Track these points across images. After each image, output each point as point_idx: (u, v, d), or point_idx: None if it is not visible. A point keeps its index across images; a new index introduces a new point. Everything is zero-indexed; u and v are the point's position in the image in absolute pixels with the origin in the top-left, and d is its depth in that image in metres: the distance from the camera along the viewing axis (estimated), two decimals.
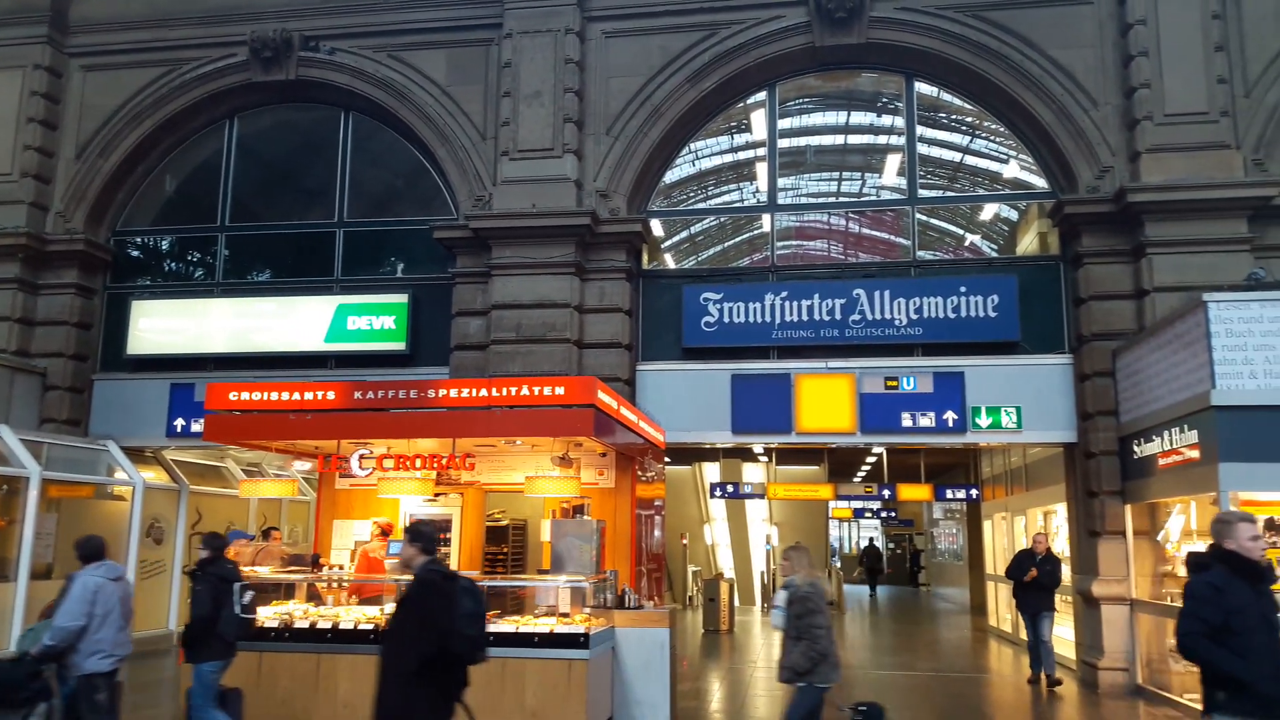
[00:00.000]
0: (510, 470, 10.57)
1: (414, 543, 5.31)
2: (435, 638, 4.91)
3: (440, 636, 4.91)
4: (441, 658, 4.94)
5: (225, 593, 7.39)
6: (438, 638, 4.91)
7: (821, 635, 6.50)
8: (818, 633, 6.49)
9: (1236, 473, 8.71)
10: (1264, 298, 8.99)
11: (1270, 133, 11.58)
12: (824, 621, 6.55)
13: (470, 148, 13.20)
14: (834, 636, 6.72)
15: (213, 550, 7.57)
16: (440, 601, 5.01)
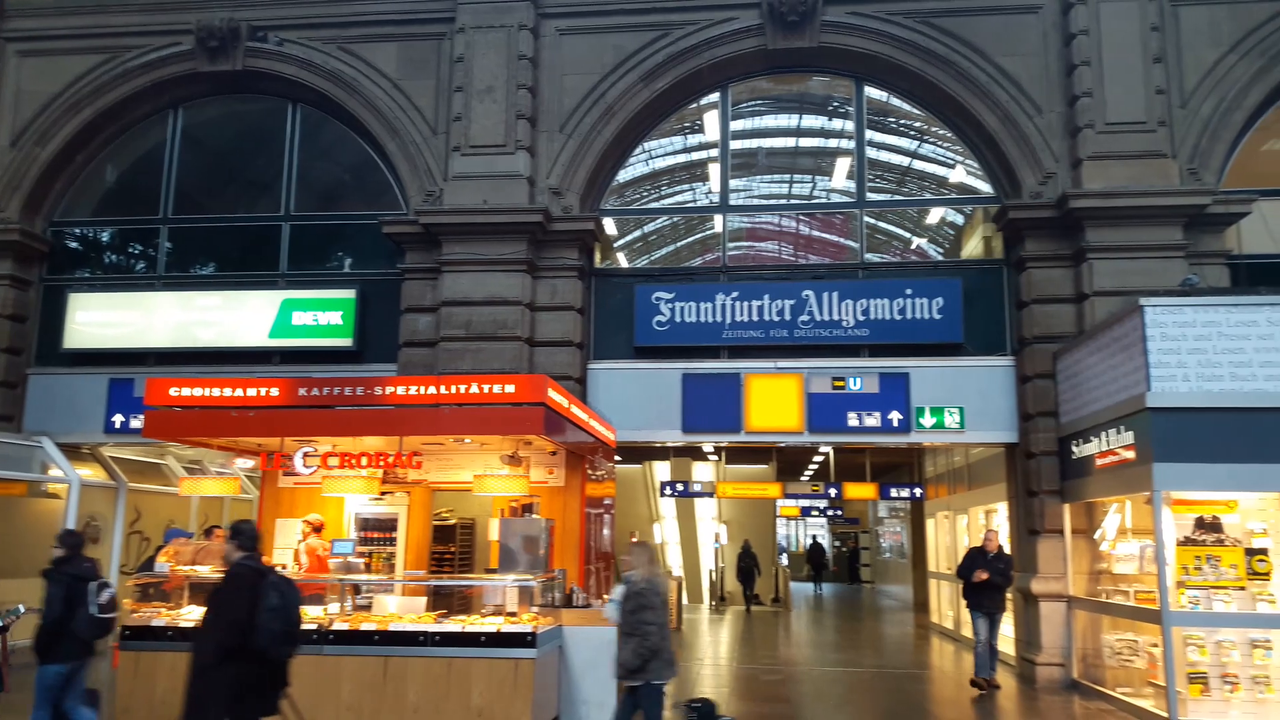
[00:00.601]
0: (458, 469, 10.50)
1: (233, 539, 5.44)
2: (236, 631, 4.98)
3: (241, 630, 4.98)
4: (245, 651, 5.00)
5: (80, 592, 7.11)
6: (238, 631, 4.98)
7: (652, 632, 6.55)
8: (648, 629, 6.54)
9: (1170, 473, 8.97)
10: (1197, 303, 9.26)
11: (1205, 143, 11.92)
12: (655, 618, 6.59)
13: (421, 142, 13.09)
14: (668, 634, 6.75)
15: (68, 548, 7.27)
16: (243, 595, 5.09)
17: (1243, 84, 11.99)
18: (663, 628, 6.63)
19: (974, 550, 11.65)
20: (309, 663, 8.08)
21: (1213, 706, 8.72)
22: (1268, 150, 12.55)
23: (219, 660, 5.02)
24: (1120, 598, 10.11)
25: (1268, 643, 8.79)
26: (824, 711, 10.00)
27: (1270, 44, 12.01)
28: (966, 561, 11.55)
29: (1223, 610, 8.86)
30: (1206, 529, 9.17)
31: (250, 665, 5.07)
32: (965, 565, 11.52)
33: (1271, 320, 9.06)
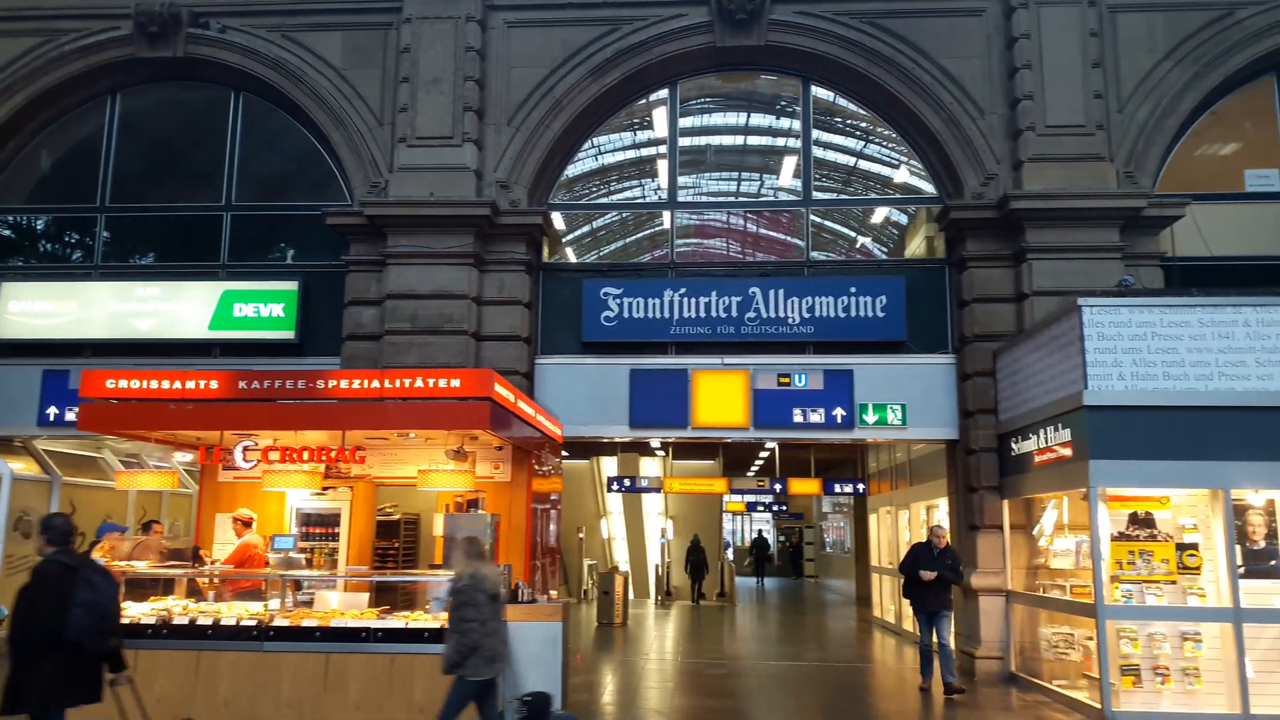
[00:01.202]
0: (403, 464, 10.41)
1: (43, 534, 5.50)
2: (42, 629, 5.07)
3: (49, 627, 5.07)
4: (58, 645, 5.07)
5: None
6: (46, 629, 5.07)
7: (472, 629, 6.55)
8: (468, 626, 6.55)
9: (1105, 469, 9.19)
10: (1133, 304, 9.49)
11: (1140, 147, 12.24)
12: (475, 615, 6.58)
13: (366, 133, 12.92)
14: (493, 630, 6.72)
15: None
16: (50, 593, 5.17)
17: (1177, 90, 12.32)
18: (486, 624, 6.59)
19: (919, 546, 11.15)
20: (248, 659, 7.98)
21: (1144, 698, 8.96)
22: (1201, 155, 12.92)
23: (30, 658, 5.16)
24: (1057, 592, 10.34)
25: (1197, 635, 9.04)
26: (767, 705, 10.09)
27: (1203, 52, 12.35)
28: (910, 558, 11.03)
29: (1155, 604, 9.10)
30: (1140, 525, 9.41)
31: (68, 657, 5.17)
32: (909, 561, 11.00)
33: (1203, 321, 9.32)
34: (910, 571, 10.90)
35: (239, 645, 8.08)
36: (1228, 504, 9.05)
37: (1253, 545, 9.17)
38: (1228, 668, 8.87)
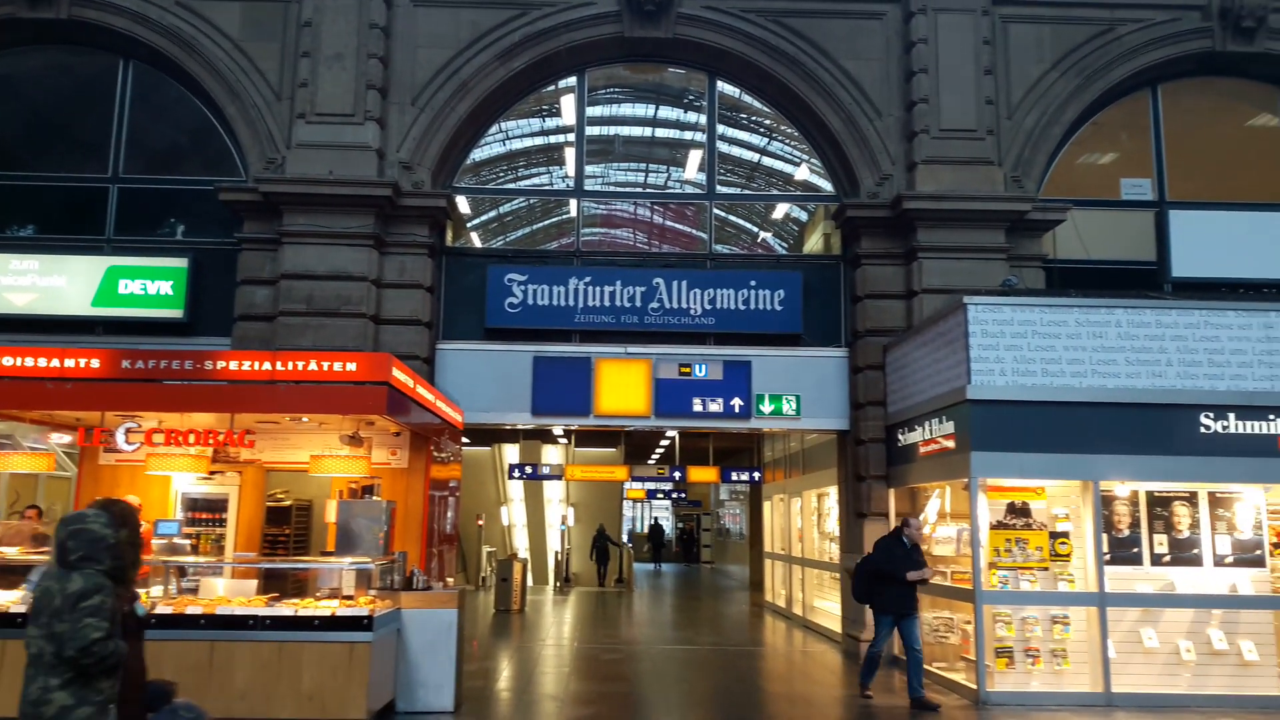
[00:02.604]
0: (295, 448, 10.19)
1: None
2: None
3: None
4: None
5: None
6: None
7: None
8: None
9: (986, 460, 9.60)
10: (1015, 303, 9.94)
11: (1027, 153, 12.78)
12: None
13: (264, 108, 12.55)
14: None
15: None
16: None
17: (1062, 100, 12.91)
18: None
19: (889, 541, 9.76)
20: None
21: (1016, 679, 9.43)
22: (1082, 163, 13.58)
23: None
24: (939, 579, 10.76)
25: (1066, 619, 9.55)
26: (660, 688, 10.27)
27: (1087, 64, 12.96)
28: (882, 554, 9.59)
29: (1028, 589, 9.57)
30: (1017, 514, 9.87)
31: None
32: (881, 557, 9.56)
33: (1079, 321, 9.82)
34: (885, 570, 9.43)
35: None
36: (1096, 495, 9.58)
37: (1118, 534, 9.73)
38: (1092, 649, 9.41)
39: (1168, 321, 9.80)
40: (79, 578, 3.89)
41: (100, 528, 4.03)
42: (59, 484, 15.24)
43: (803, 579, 15.85)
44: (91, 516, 4.07)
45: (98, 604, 3.85)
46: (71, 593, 3.85)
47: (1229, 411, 9.64)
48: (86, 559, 3.96)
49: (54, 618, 3.83)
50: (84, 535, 3.99)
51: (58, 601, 3.85)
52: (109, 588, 3.94)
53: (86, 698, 3.85)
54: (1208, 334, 9.78)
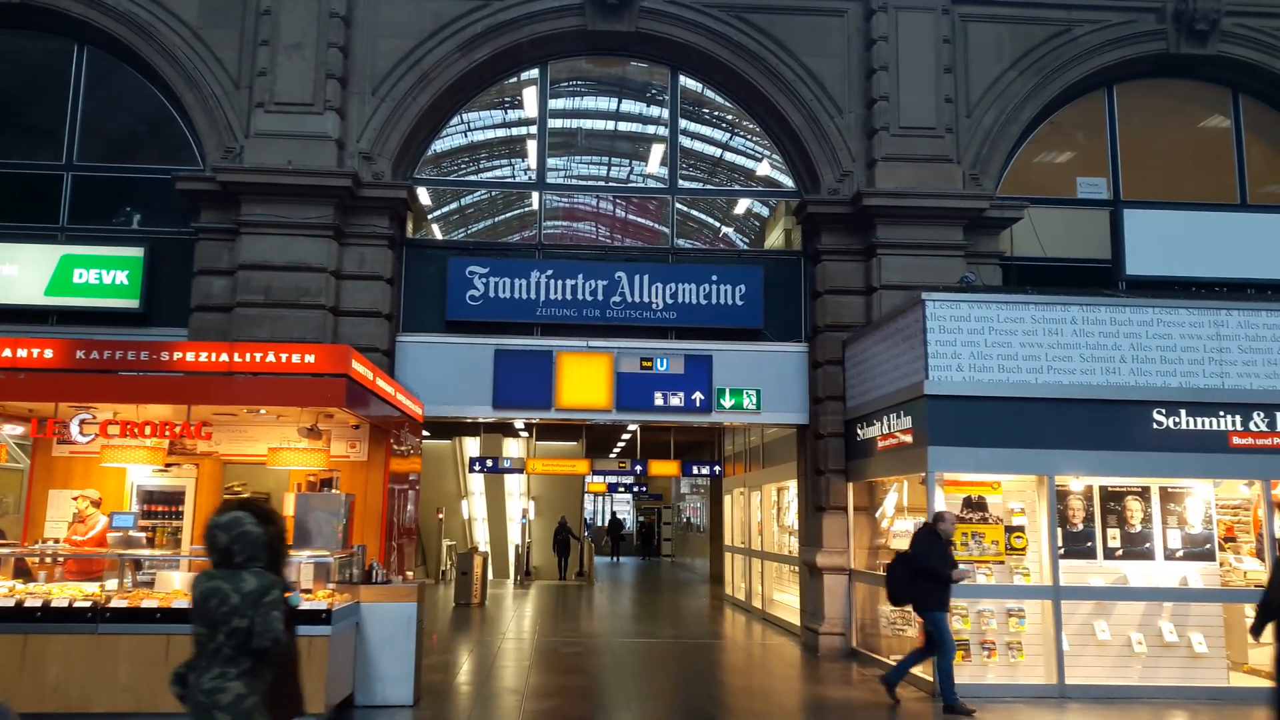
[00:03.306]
0: (253, 441, 10.06)
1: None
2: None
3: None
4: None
5: None
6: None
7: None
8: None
9: (942, 455, 9.73)
10: (972, 299, 10.08)
11: (986, 151, 12.94)
12: None
13: (222, 96, 12.35)
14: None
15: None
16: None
17: (1020, 99, 13.09)
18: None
19: (928, 534, 8.98)
20: (81, 642, 7.60)
21: (972, 671, 9.55)
22: (1039, 162, 13.79)
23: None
24: None
25: (1021, 611, 9.70)
26: (620, 681, 10.30)
27: (1044, 64, 13.15)
28: (928, 549, 8.84)
29: (985, 583, 9.73)
30: (973, 508, 10.02)
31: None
32: (929, 553, 8.81)
33: (1035, 318, 9.97)
34: (934, 567, 8.77)
35: (71, 628, 7.66)
36: (1052, 490, 9.75)
37: (1072, 528, 9.91)
38: (1046, 641, 9.58)
39: (1122, 319, 9.99)
40: (251, 577, 4.19)
41: (253, 527, 4.31)
42: (11, 476, 14.88)
43: (762, 572, 15.97)
44: (244, 519, 4.33)
45: (277, 597, 4.19)
46: (250, 591, 4.15)
47: (1180, 408, 9.85)
48: (251, 559, 4.25)
49: (233, 614, 4.12)
50: (245, 537, 4.27)
51: (235, 600, 4.13)
52: (279, 582, 4.28)
53: (255, 687, 4.16)
54: (1160, 331, 9.98)
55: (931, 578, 8.79)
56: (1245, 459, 9.84)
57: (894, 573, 9.13)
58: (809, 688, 9.98)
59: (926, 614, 8.87)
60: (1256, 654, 10.01)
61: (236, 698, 4.10)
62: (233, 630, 4.12)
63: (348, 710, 8.23)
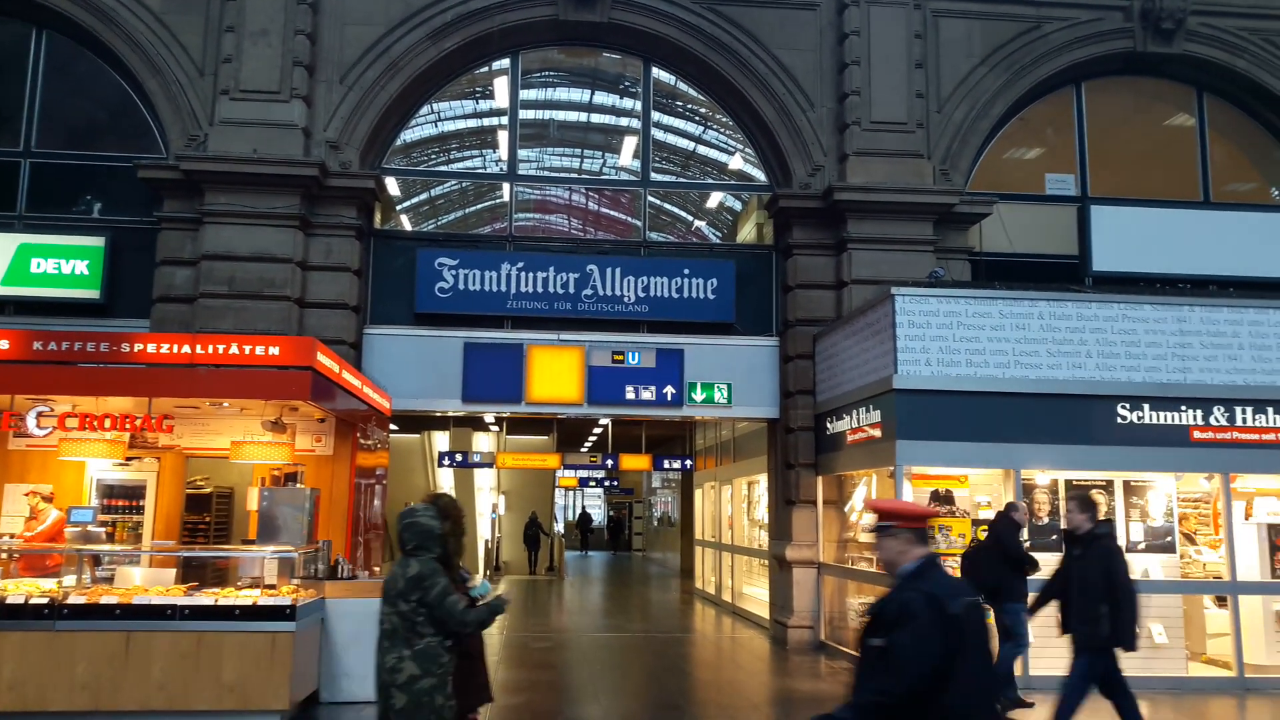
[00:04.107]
0: (215, 434, 9.93)
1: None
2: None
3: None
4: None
5: None
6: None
7: None
8: None
9: (911, 449, 9.77)
10: (941, 294, 10.12)
11: (956, 147, 12.99)
12: None
13: (186, 83, 12.13)
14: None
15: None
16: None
17: (990, 95, 13.14)
18: None
19: (1010, 526, 8.76)
20: (38, 640, 7.45)
21: None
22: (1008, 158, 13.87)
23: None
24: (864, 564, 10.95)
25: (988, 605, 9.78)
26: (590, 676, 10.26)
27: (1014, 60, 13.21)
28: (1013, 538, 8.69)
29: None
30: (941, 501, 10.08)
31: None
32: (1016, 543, 8.69)
33: (1003, 313, 10.03)
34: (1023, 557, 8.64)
35: (27, 625, 7.50)
36: (1018, 483, 9.82)
37: (1037, 521, 10.00)
38: None
39: (1088, 314, 10.07)
40: (416, 563, 4.56)
41: (428, 520, 4.67)
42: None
43: (732, 566, 15.99)
44: (421, 510, 4.72)
45: (444, 585, 4.53)
46: (411, 576, 4.52)
47: (1144, 402, 9.96)
48: (420, 548, 4.62)
49: (400, 596, 4.52)
50: (415, 527, 4.64)
51: (401, 584, 4.53)
52: (441, 570, 4.61)
53: (430, 670, 4.47)
54: (1125, 327, 10.08)
55: (1015, 568, 8.57)
56: (1206, 453, 9.97)
57: (986, 562, 8.65)
58: (777, 680, 10.00)
59: (1008, 605, 8.54)
60: (1214, 645, 10.18)
61: (410, 678, 4.43)
62: (400, 612, 4.50)
63: (313, 707, 8.15)
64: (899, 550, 3.49)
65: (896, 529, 3.49)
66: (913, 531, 3.49)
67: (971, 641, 3.29)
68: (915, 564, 3.47)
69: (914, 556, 3.48)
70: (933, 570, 3.47)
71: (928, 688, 3.20)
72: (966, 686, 3.26)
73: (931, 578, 3.43)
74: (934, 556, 3.51)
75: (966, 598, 3.36)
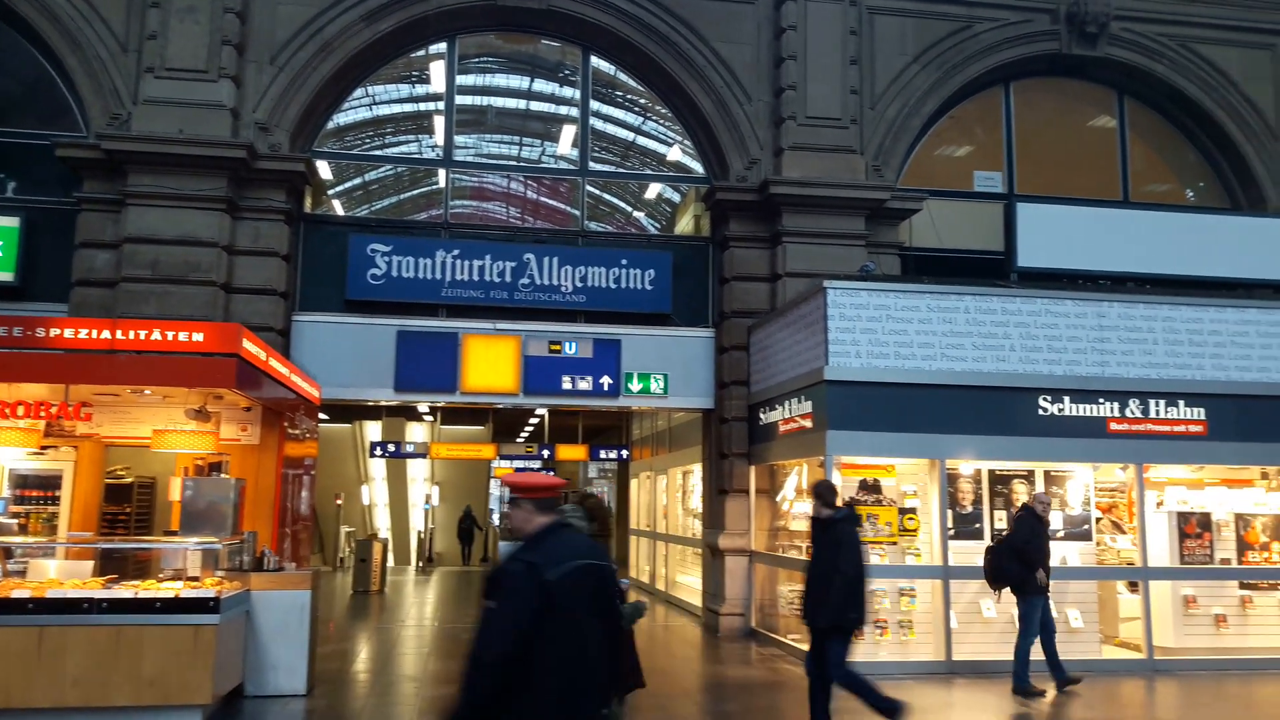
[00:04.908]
0: (137, 423, 9.63)
1: None
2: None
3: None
4: None
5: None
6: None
7: None
8: None
9: (841, 439, 9.93)
10: (872, 288, 10.29)
11: (888, 143, 13.20)
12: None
13: (109, 60, 11.74)
14: None
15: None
16: None
17: (922, 93, 13.38)
18: None
19: (1032, 519, 8.97)
20: None
21: (866, 649, 9.75)
22: (939, 155, 14.13)
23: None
24: (795, 552, 11.09)
25: (913, 591, 9.99)
26: None
27: (946, 59, 13.47)
28: (1032, 535, 8.85)
29: (878, 563, 9.95)
30: (869, 490, 10.26)
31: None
32: (1030, 537, 8.83)
33: (930, 307, 10.24)
34: (1029, 557, 8.78)
35: None
36: (943, 473, 10.04)
37: (962, 510, 10.25)
38: (936, 620, 9.88)
39: (1012, 309, 10.33)
40: None
41: (577, 521, 4.63)
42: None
43: (666, 555, 16.08)
44: (570, 511, 4.69)
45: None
46: None
47: (1064, 395, 10.26)
48: None
49: None
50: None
51: None
52: None
53: None
54: (1048, 321, 10.36)
55: (1027, 564, 8.78)
56: (1122, 444, 10.31)
57: (996, 556, 9.03)
58: (708, 667, 10.10)
59: (1027, 598, 8.83)
60: (1126, 628, 10.56)
61: None
62: None
63: (238, 700, 8.00)
64: (523, 519, 3.70)
65: (520, 500, 3.70)
66: (534, 502, 3.69)
67: (565, 607, 3.46)
68: (535, 531, 3.66)
69: (536, 524, 3.66)
70: (549, 537, 3.65)
71: (522, 650, 3.38)
72: (557, 650, 3.43)
73: (543, 546, 3.60)
74: (555, 524, 3.70)
75: (571, 564, 3.54)
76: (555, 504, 3.79)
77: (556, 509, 3.81)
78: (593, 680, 3.54)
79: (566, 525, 3.78)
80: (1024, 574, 8.81)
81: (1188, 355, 10.53)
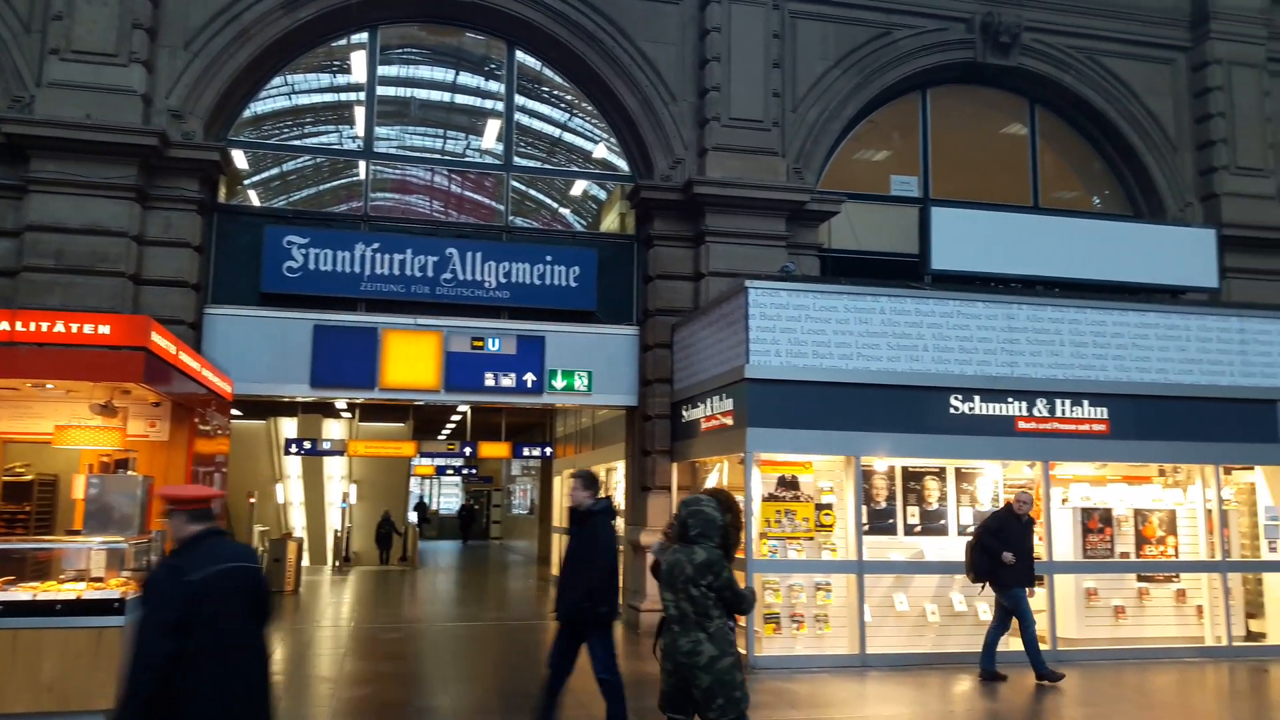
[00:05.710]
0: (38, 418, 9.29)
1: None
2: None
3: None
4: None
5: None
6: None
7: None
8: None
9: (760, 436, 10.07)
10: (791, 288, 10.46)
11: (809, 146, 13.42)
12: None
13: (10, 39, 11.26)
14: None
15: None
16: None
17: (842, 97, 13.63)
18: None
19: (1005, 516, 9.58)
20: None
21: (783, 643, 9.98)
22: (858, 159, 14.42)
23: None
24: None
25: (829, 585, 10.20)
26: (440, 665, 10.15)
27: (865, 64, 13.75)
28: (1003, 527, 9.45)
29: (796, 558, 10.15)
30: (787, 487, 10.44)
31: None
32: (1008, 532, 9.38)
33: (848, 307, 10.44)
34: (1018, 549, 9.31)
35: None
36: (858, 470, 10.26)
37: (876, 506, 10.49)
38: (851, 614, 10.10)
39: (925, 310, 10.60)
40: (701, 550, 4.89)
41: (711, 510, 5.00)
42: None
43: None
44: (705, 502, 5.06)
45: (729, 572, 4.88)
46: (699, 563, 4.84)
47: (975, 394, 10.57)
48: (703, 535, 4.94)
49: (689, 582, 4.84)
50: (701, 516, 4.98)
51: (689, 570, 4.85)
52: (723, 557, 4.92)
53: (725, 649, 4.83)
54: (960, 323, 10.66)
55: (987, 552, 9.36)
56: (1029, 442, 10.67)
57: (972, 552, 9.60)
58: (628, 664, 10.08)
59: (1005, 591, 9.36)
60: None
61: (711, 659, 4.75)
62: (691, 597, 4.83)
63: None
64: (178, 528, 3.90)
65: (174, 511, 3.90)
66: (186, 513, 3.89)
67: (209, 607, 3.69)
68: (186, 538, 3.86)
69: (188, 533, 3.88)
70: (198, 544, 3.86)
71: (177, 647, 3.59)
72: (206, 647, 3.66)
73: (192, 551, 3.83)
74: (206, 533, 3.90)
75: (215, 567, 3.78)
76: (208, 514, 3.94)
77: (209, 518, 3.95)
78: (245, 676, 3.76)
79: (218, 533, 3.95)
80: (991, 565, 9.34)
81: (1092, 357, 10.94)
